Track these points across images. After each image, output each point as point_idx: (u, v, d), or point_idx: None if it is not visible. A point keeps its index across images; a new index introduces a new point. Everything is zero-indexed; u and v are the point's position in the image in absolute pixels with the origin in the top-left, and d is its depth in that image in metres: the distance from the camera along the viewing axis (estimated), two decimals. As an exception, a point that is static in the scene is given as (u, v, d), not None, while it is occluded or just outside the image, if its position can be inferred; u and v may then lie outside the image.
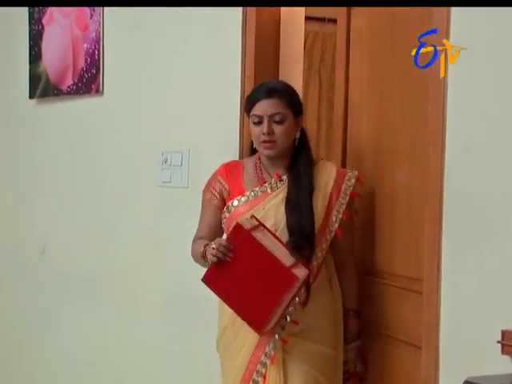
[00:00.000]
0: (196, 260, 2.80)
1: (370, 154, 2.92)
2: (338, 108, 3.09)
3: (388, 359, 2.80)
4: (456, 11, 2.41)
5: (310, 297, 2.68)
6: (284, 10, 3.28)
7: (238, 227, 2.56)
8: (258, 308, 2.55)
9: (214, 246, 2.59)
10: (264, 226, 2.59)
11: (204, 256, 2.65)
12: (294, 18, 3.31)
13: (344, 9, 3.02)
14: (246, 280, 2.57)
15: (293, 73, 3.26)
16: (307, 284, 2.65)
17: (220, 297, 2.67)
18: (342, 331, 2.81)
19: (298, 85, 3.12)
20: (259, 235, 2.55)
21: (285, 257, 2.53)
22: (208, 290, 2.67)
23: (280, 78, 3.23)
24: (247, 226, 2.56)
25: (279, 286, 2.52)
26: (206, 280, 2.63)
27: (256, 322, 2.57)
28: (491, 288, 2.33)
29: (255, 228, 2.56)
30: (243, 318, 2.61)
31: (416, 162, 2.69)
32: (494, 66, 2.35)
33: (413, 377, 2.68)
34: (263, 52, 3.23)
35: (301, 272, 2.52)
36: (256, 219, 2.60)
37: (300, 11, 3.37)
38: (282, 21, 3.27)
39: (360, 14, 2.99)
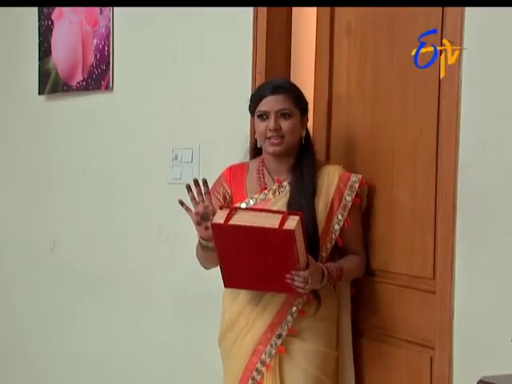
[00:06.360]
0: (199, 257, 2.79)
1: (364, 151, 2.87)
2: (320, 99, 3.03)
3: (389, 359, 2.77)
4: (471, 9, 2.40)
5: (310, 302, 2.67)
6: (295, 5, 3.26)
7: (214, 226, 2.52)
8: (283, 276, 2.53)
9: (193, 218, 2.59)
10: (236, 208, 2.57)
11: (200, 243, 2.64)
12: (305, 14, 3.29)
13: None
14: (257, 262, 2.54)
15: (305, 69, 3.23)
16: (317, 297, 2.65)
17: (249, 289, 2.68)
18: (348, 331, 2.79)
19: (310, 81, 3.09)
20: (237, 218, 2.51)
21: (271, 220, 2.48)
22: (219, 287, 2.67)
23: (292, 75, 3.21)
24: (221, 219, 2.51)
25: (284, 247, 2.48)
26: (228, 285, 2.65)
27: (292, 290, 2.56)
28: (505, 286, 2.32)
29: (230, 216, 2.51)
30: (281, 293, 2.63)
31: (420, 160, 2.65)
32: (507, 62, 2.33)
33: (416, 376, 2.66)
34: (274, 48, 3.21)
35: (291, 223, 2.45)
36: (224, 207, 2.57)
37: (311, 7, 3.35)
38: (293, 17, 3.26)
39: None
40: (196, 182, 2.57)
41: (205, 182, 2.59)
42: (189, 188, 2.58)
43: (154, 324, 3.73)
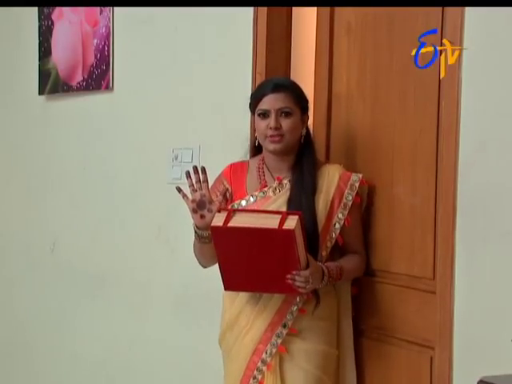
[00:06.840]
0: (196, 253, 2.78)
1: (364, 151, 2.86)
2: (320, 99, 3.03)
3: (389, 359, 2.77)
4: (470, 9, 2.40)
5: (310, 300, 2.67)
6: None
7: (213, 229, 2.52)
8: (284, 277, 2.52)
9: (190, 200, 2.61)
10: (234, 210, 2.57)
11: (196, 233, 2.63)
12: (305, 14, 3.29)
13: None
14: (257, 263, 2.53)
15: (305, 69, 3.23)
16: (316, 295, 2.65)
17: (249, 292, 2.67)
18: (349, 330, 2.80)
19: (310, 81, 3.09)
20: (236, 220, 2.51)
21: (270, 220, 2.47)
22: (219, 287, 2.66)
23: (292, 75, 3.21)
24: (220, 221, 2.51)
25: (284, 247, 2.47)
26: (228, 288, 2.64)
27: (293, 290, 2.55)
28: (505, 286, 2.32)
29: (228, 218, 2.51)
30: (282, 293, 2.63)
31: (420, 160, 2.65)
32: (507, 62, 2.33)
33: (416, 376, 2.66)
34: (274, 48, 3.21)
35: (291, 222, 2.45)
36: (223, 209, 2.57)
37: (311, 7, 3.35)
38: (293, 17, 3.26)
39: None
40: (195, 169, 2.60)
41: (203, 170, 2.60)
42: (188, 175, 2.61)
43: (154, 324, 3.73)
